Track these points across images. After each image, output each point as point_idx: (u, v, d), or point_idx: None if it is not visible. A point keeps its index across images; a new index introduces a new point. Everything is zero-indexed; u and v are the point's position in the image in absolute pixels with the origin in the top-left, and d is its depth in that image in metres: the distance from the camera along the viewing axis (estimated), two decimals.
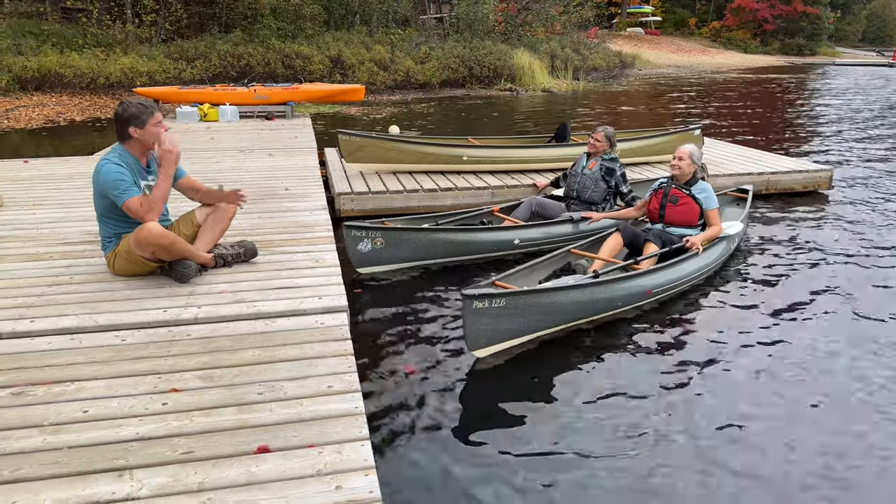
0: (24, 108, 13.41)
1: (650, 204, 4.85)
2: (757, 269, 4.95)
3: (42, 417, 2.30)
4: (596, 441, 2.84)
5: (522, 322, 3.56)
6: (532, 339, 3.73)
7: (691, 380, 3.37)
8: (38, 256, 3.94)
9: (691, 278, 4.45)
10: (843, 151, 10.54)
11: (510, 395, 3.20)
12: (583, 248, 4.65)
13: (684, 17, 52.28)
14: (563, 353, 3.63)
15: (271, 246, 4.16)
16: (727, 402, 3.18)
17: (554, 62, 22.95)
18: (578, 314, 3.85)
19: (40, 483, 1.96)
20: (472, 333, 3.39)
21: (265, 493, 1.94)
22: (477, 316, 3.35)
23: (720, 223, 4.76)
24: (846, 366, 3.55)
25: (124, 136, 3.53)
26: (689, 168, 4.68)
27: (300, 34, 19.05)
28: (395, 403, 3.12)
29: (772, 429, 2.95)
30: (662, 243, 4.53)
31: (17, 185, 5.84)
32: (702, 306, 4.29)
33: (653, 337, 3.85)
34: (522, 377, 3.38)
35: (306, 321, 3.13)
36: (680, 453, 2.77)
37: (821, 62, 46.00)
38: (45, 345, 2.86)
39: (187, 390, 2.51)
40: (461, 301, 3.33)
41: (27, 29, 16.46)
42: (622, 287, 3.99)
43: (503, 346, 3.59)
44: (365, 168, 6.74)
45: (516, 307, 3.48)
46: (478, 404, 3.16)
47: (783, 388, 3.32)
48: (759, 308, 4.27)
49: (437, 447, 2.80)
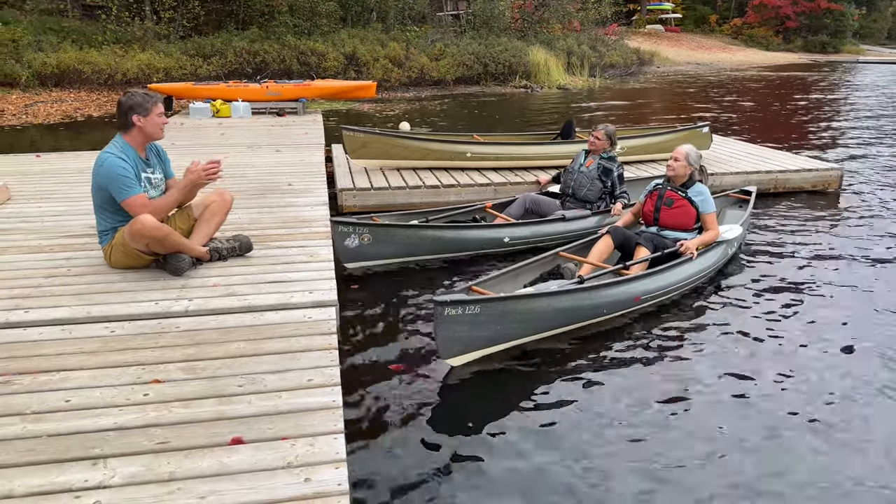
0: (42, 103, 13.63)
1: (645, 206, 4.69)
2: (756, 274, 4.76)
3: (25, 406, 2.34)
4: (571, 447, 2.80)
5: (499, 329, 3.40)
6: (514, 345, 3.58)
7: (672, 395, 3.18)
8: (40, 249, 4.02)
9: (683, 284, 4.27)
10: (857, 150, 10.37)
11: (490, 397, 3.19)
12: (572, 250, 4.48)
13: (705, 14, 51.72)
14: (545, 357, 3.54)
15: (267, 240, 4.20)
16: (707, 424, 2.94)
17: (570, 59, 22.84)
18: (560, 321, 3.67)
19: (16, 469, 2.00)
20: (445, 341, 3.26)
21: (234, 484, 1.97)
22: (449, 323, 3.21)
23: (717, 227, 4.59)
24: (853, 384, 3.28)
25: (127, 125, 3.57)
26: (684, 169, 4.52)
27: (316, 31, 19.15)
28: (376, 398, 3.14)
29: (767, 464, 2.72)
30: (654, 247, 4.35)
31: (27, 178, 5.94)
32: (693, 314, 4.11)
33: (638, 345, 3.68)
34: (504, 379, 3.36)
35: (294, 315, 3.16)
36: (662, 474, 2.62)
37: (844, 60, 45.27)
38: (37, 335, 2.91)
39: (169, 381, 2.54)
40: (433, 308, 3.18)
41: (48, 26, 16.73)
42: (608, 293, 3.81)
43: (479, 353, 3.45)
44: (369, 164, 6.77)
45: (492, 314, 3.32)
46: (458, 403, 3.17)
47: (777, 412, 3.03)
48: (755, 317, 4.07)
49: (413, 444, 2.81)
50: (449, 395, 3.22)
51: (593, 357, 3.57)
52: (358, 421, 2.95)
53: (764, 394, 3.22)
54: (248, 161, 6.90)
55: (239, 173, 6.24)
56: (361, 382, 3.27)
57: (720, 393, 3.23)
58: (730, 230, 4.80)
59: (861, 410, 3.10)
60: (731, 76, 28.54)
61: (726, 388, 3.28)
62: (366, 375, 3.34)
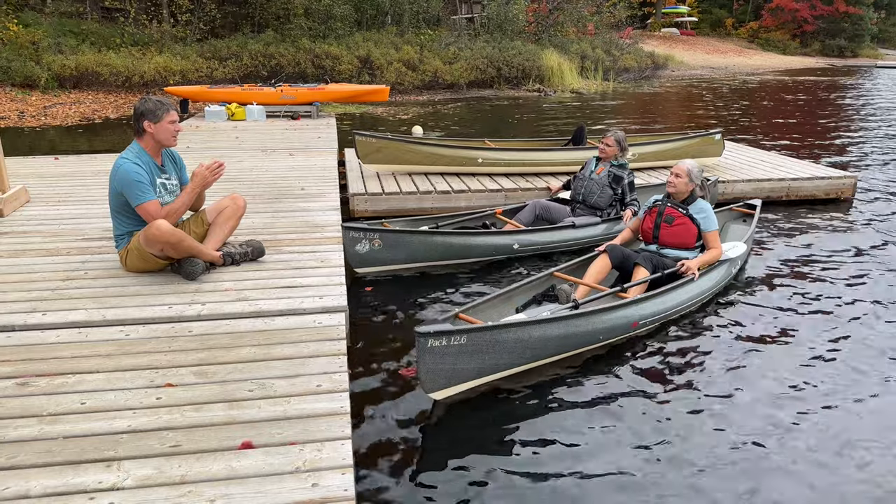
0: (61, 105, 13.83)
1: (644, 223, 4.51)
2: (763, 294, 4.54)
3: (42, 408, 2.41)
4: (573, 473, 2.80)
5: (487, 360, 3.17)
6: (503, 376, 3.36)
7: (671, 427, 3.00)
8: (57, 251, 4.10)
9: (683, 308, 4.06)
10: (873, 158, 10.28)
11: (499, 406, 3.20)
12: (567, 270, 4.30)
13: (721, 18, 51.37)
14: (549, 377, 3.48)
15: (280, 245, 4.26)
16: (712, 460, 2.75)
17: (584, 63, 22.81)
18: (553, 350, 3.44)
19: (33, 470, 2.07)
20: (428, 375, 3.00)
21: (243, 488, 2.01)
22: (433, 356, 2.96)
23: (720, 246, 4.41)
24: (877, 424, 3.03)
25: (139, 131, 3.66)
26: (686, 186, 4.34)
27: (331, 34, 19.28)
28: (384, 405, 3.17)
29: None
30: (654, 267, 4.16)
31: (45, 181, 6.05)
32: (694, 339, 3.88)
33: (636, 372, 3.50)
34: (513, 387, 3.39)
35: (304, 320, 3.21)
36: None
37: (862, 64, 44.77)
38: (54, 338, 2.98)
39: (182, 385, 2.60)
40: (415, 338, 2.93)
41: (67, 28, 16.95)
42: (604, 319, 3.60)
43: (465, 387, 3.20)
44: (381, 169, 6.83)
45: (479, 345, 3.09)
46: (465, 411, 3.17)
47: (795, 455, 2.80)
48: (761, 341, 3.86)
49: (419, 451, 2.84)
50: (458, 404, 3.23)
51: (597, 377, 3.45)
52: (365, 427, 2.99)
53: (782, 441, 2.93)
54: (262, 164, 6.97)
55: (253, 177, 6.32)
56: (370, 388, 3.31)
57: (725, 433, 2.96)
58: (733, 248, 4.62)
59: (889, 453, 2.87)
60: (747, 80, 28.34)
61: (733, 430, 2.98)
62: (374, 381, 3.38)
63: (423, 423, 3.03)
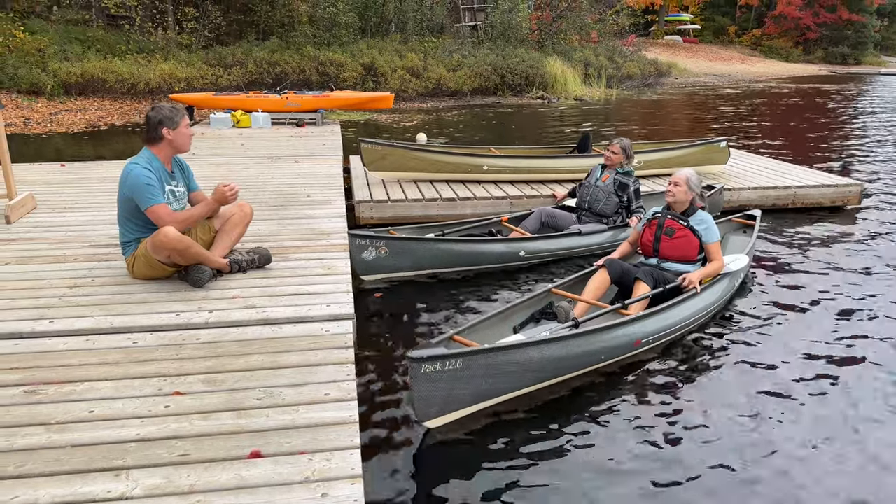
0: (67, 112, 13.89)
1: (643, 236, 4.37)
2: (767, 308, 4.41)
3: (50, 416, 2.40)
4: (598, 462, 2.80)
5: (484, 385, 3.02)
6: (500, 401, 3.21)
7: (680, 452, 2.88)
8: (64, 258, 4.10)
9: (687, 324, 3.92)
10: (879, 166, 10.26)
11: (511, 416, 3.18)
12: (565, 287, 4.17)
13: (724, 25, 51.51)
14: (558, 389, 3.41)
15: (286, 252, 4.25)
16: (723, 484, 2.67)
17: (587, 70, 22.86)
18: (552, 372, 3.30)
19: (41, 479, 2.05)
20: (421, 402, 2.83)
21: (253, 498, 2.00)
22: (427, 381, 2.80)
23: (722, 258, 4.27)
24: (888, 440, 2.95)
25: (156, 138, 3.66)
26: (685, 195, 4.21)
27: (335, 42, 19.36)
28: (393, 414, 3.16)
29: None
30: (655, 282, 4.02)
31: (51, 188, 6.06)
32: (697, 357, 3.74)
33: (640, 394, 3.37)
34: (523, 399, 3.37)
35: (312, 328, 3.20)
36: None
37: (865, 72, 44.83)
38: (62, 345, 2.98)
39: (190, 393, 2.59)
40: (408, 364, 2.76)
41: (73, 35, 17.06)
42: (605, 338, 3.46)
43: (461, 413, 3.04)
44: (387, 176, 6.83)
45: (476, 368, 2.93)
46: (474, 421, 3.13)
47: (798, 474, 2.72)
48: (768, 358, 3.73)
49: (429, 460, 2.83)
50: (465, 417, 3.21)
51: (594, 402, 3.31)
52: (373, 436, 2.97)
53: (800, 462, 2.83)
54: (268, 172, 6.98)
55: (259, 184, 6.32)
56: (378, 396, 3.30)
57: (737, 459, 2.84)
58: (735, 260, 4.51)
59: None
60: (750, 88, 28.37)
61: (746, 456, 2.87)
62: (382, 389, 3.36)
63: (432, 433, 3.01)
